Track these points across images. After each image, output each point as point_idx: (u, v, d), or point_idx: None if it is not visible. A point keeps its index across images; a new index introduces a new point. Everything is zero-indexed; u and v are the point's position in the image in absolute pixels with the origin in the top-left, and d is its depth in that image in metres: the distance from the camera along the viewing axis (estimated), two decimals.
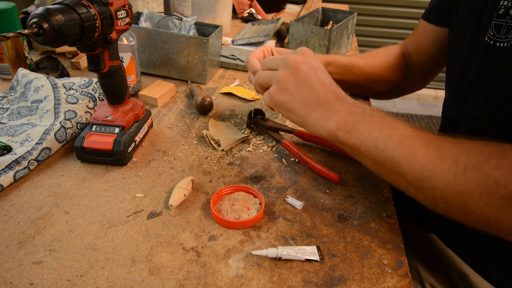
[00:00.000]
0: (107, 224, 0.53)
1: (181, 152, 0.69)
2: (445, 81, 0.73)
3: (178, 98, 0.89)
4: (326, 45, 1.07)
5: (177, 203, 0.56)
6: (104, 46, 0.59)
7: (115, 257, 0.48)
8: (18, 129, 0.68)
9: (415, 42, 0.82)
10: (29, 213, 0.53)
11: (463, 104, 0.65)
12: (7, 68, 0.89)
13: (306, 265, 0.48)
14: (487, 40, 0.56)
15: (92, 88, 0.77)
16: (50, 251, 0.48)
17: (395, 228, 0.55)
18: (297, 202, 0.58)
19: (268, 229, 0.54)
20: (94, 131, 0.64)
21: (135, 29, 0.92)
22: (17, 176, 0.59)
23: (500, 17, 0.55)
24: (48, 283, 0.44)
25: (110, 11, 0.56)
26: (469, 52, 0.62)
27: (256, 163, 0.67)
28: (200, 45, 0.91)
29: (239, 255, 0.49)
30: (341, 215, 0.57)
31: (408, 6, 2.93)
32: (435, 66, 0.82)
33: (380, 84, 0.84)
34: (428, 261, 0.69)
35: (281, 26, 1.36)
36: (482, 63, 0.58)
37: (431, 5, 0.77)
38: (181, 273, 0.46)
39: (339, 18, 1.27)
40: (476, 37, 0.60)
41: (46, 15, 0.46)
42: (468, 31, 0.63)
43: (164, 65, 0.96)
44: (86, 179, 0.61)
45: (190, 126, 0.78)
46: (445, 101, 0.74)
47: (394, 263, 0.49)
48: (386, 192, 0.62)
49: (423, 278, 0.68)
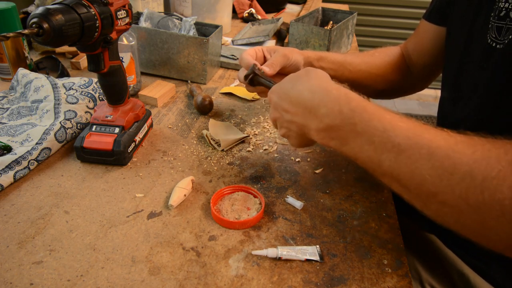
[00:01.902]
0: (107, 224, 0.53)
1: (181, 152, 0.69)
2: (441, 82, 0.73)
3: (178, 98, 0.89)
4: (326, 45, 1.07)
5: (177, 203, 0.56)
6: (104, 46, 0.59)
7: (115, 257, 0.48)
8: (18, 129, 0.68)
9: (416, 43, 0.82)
10: (29, 213, 0.53)
11: (459, 105, 0.65)
12: (7, 68, 0.89)
13: (306, 265, 0.48)
14: (490, 42, 0.57)
15: (92, 88, 0.77)
16: (50, 251, 0.48)
17: (395, 228, 0.55)
18: (297, 202, 0.58)
19: (268, 229, 0.54)
20: (94, 131, 0.64)
21: (135, 29, 0.92)
22: (17, 176, 0.59)
23: (501, 19, 0.55)
24: (48, 283, 0.44)
25: (110, 11, 0.56)
26: (464, 53, 0.62)
27: (256, 163, 0.67)
28: (200, 45, 0.91)
29: (239, 255, 0.49)
30: (341, 215, 0.57)
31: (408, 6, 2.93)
32: (436, 67, 0.82)
33: (378, 83, 0.84)
34: (428, 261, 0.69)
35: (281, 26, 1.36)
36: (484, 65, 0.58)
37: (432, 5, 0.77)
38: (181, 273, 0.46)
39: (339, 18, 1.27)
40: (471, 38, 0.61)
41: (46, 15, 0.46)
42: (463, 33, 0.63)
43: (164, 65, 0.96)
44: (86, 179, 0.61)
45: (190, 126, 0.78)
46: (441, 101, 0.74)
47: (394, 263, 0.49)
48: (386, 192, 0.62)
49: (423, 278, 0.68)
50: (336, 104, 0.47)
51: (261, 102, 0.89)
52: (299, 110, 0.51)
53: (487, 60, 0.57)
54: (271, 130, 0.77)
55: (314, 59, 0.73)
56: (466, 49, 0.62)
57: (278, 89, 0.56)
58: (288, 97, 0.53)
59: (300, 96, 0.51)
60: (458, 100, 0.66)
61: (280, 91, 0.55)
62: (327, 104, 0.48)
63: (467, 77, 0.62)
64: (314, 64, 0.73)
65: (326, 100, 0.48)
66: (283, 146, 0.73)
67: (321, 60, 0.75)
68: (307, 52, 0.73)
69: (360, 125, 0.45)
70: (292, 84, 0.53)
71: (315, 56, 0.74)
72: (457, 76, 0.65)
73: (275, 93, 0.56)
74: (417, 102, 3.29)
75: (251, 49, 0.71)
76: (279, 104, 0.55)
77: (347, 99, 0.47)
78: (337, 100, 0.47)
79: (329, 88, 0.50)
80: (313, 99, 0.49)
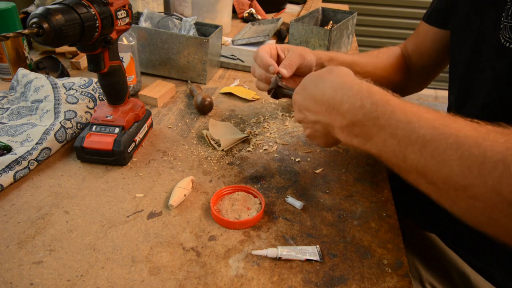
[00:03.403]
0: (107, 224, 0.53)
1: (181, 152, 0.69)
2: (448, 86, 0.72)
3: (178, 98, 0.89)
4: (326, 45, 1.07)
5: (177, 203, 0.56)
6: (104, 46, 0.59)
7: (115, 257, 0.48)
8: (18, 129, 0.68)
9: (415, 44, 0.82)
10: (29, 213, 0.53)
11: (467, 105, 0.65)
12: (7, 68, 0.89)
13: (306, 265, 0.48)
14: (503, 42, 0.56)
15: (92, 88, 0.77)
16: (50, 251, 0.48)
17: (395, 228, 0.55)
18: (297, 202, 0.58)
19: (268, 229, 0.54)
20: (94, 131, 0.64)
21: (135, 29, 0.92)
22: (17, 176, 0.59)
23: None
24: (48, 283, 0.44)
25: (110, 11, 0.56)
26: (474, 54, 0.62)
27: (256, 163, 0.67)
28: (200, 45, 0.91)
29: (239, 255, 0.49)
30: (341, 215, 0.57)
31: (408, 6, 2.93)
32: (435, 68, 0.82)
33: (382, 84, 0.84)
34: (428, 261, 0.69)
35: (281, 26, 1.36)
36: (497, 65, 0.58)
37: (432, 8, 0.77)
38: (181, 273, 0.46)
39: (339, 18, 1.27)
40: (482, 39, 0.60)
41: (46, 15, 0.46)
42: (471, 34, 0.62)
43: (164, 65, 0.96)
44: (86, 179, 0.61)
45: (190, 126, 0.78)
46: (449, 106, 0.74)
47: (394, 263, 0.49)
48: (386, 192, 0.62)
49: (423, 278, 0.68)
50: (358, 99, 0.46)
51: (261, 102, 0.89)
52: (323, 109, 0.51)
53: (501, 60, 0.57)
54: (271, 130, 0.77)
55: (325, 60, 0.74)
56: (476, 50, 0.62)
57: (301, 90, 0.55)
58: (311, 97, 0.53)
59: (324, 94, 0.51)
60: (466, 100, 0.65)
61: (303, 92, 0.55)
62: (349, 100, 0.47)
63: (477, 77, 0.62)
64: (325, 65, 0.74)
65: (348, 96, 0.47)
66: (283, 146, 0.73)
67: (331, 61, 0.76)
68: (318, 53, 0.74)
69: (383, 118, 0.44)
70: (315, 83, 0.53)
71: (326, 57, 0.75)
72: (466, 77, 0.65)
73: (299, 94, 0.56)
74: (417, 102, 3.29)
75: (266, 46, 0.72)
76: (303, 105, 0.54)
77: (369, 93, 0.46)
78: (359, 95, 0.47)
79: (351, 83, 0.49)
80: (336, 96, 0.49)
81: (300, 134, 0.77)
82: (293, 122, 0.81)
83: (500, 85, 0.57)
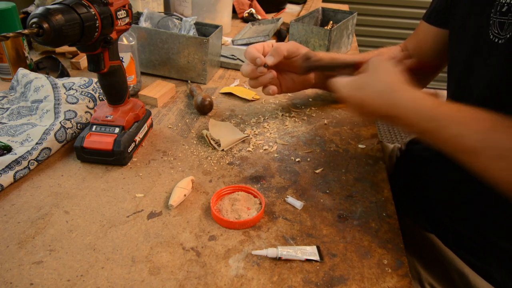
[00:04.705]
0: (107, 224, 0.53)
1: (181, 152, 0.69)
2: (447, 83, 0.73)
3: (178, 98, 0.89)
4: (326, 45, 1.07)
5: (177, 203, 0.56)
6: (104, 46, 0.59)
7: (115, 257, 0.48)
8: (18, 129, 0.68)
9: (415, 43, 0.82)
10: (29, 213, 0.53)
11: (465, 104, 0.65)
12: (7, 68, 0.89)
13: (306, 265, 0.48)
14: (492, 38, 0.56)
15: (92, 88, 0.77)
16: (50, 251, 0.48)
17: (395, 228, 0.55)
18: (297, 202, 0.58)
19: (268, 229, 0.54)
20: (94, 131, 0.64)
21: (135, 29, 0.92)
22: (17, 176, 0.59)
23: (503, 15, 0.55)
24: (48, 283, 0.44)
25: (110, 11, 0.56)
26: (472, 52, 0.62)
27: (256, 163, 0.67)
28: (200, 45, 0.91)
29: (239, 255, 0.49)
30: (341, 215, 0.57)
31: (408, 6, 2.92)
32: (435, 67, 0.82)
33: None
34: (428, 261, 0.69)
35: (281, 26, 1.36)
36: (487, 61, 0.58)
37: (431, 7, 0.77)
38: (181, 273, 0.46)
39: (339, 18, 1.27)
40: (478, 36, 0.61)
41: (46, 15, 0.46)
42: (469, 31, 0.63)
43: (164, 65, 0.96)
44: (86, 179, 0.61)
45: (190, 126, 0.78)
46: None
47: (394, 263, 0.49)
48: (386, 192, 0.62)
49: (423, 278, 0.68)
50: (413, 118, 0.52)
51: (261, 102, 0.89)
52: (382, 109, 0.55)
53: (491, 57, 0.57)
54: (271, 130, 0.78)
55: None
56: (473, 48, 0.62)
57: (356, 91, 0.59)
58: (360, 107, 0.58)
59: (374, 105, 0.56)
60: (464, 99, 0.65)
61: (359, 92, 0.58)
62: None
63: (474, 75, 0.62)
64: None
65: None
66: (283, 146, 0.73)
67: None
68: (319, 54, 0.73)
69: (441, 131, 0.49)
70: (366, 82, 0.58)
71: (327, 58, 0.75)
72: (464, 75, 0.65)
73: (346, 87, 0.60)
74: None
75: (259, 44, 0.73)
76: (357, 104, 0.58)
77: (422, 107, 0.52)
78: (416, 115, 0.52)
79: (399, 96, 0.54)
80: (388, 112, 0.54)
81: (300, 134, 0.77)
82: (293, 122, 0.81)
83: (494, 81, 0.57)
